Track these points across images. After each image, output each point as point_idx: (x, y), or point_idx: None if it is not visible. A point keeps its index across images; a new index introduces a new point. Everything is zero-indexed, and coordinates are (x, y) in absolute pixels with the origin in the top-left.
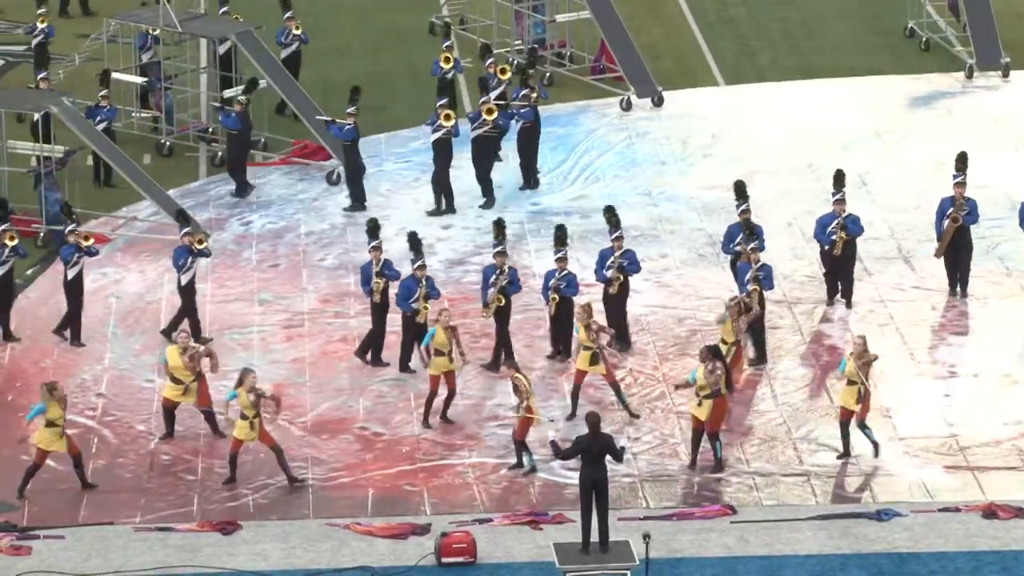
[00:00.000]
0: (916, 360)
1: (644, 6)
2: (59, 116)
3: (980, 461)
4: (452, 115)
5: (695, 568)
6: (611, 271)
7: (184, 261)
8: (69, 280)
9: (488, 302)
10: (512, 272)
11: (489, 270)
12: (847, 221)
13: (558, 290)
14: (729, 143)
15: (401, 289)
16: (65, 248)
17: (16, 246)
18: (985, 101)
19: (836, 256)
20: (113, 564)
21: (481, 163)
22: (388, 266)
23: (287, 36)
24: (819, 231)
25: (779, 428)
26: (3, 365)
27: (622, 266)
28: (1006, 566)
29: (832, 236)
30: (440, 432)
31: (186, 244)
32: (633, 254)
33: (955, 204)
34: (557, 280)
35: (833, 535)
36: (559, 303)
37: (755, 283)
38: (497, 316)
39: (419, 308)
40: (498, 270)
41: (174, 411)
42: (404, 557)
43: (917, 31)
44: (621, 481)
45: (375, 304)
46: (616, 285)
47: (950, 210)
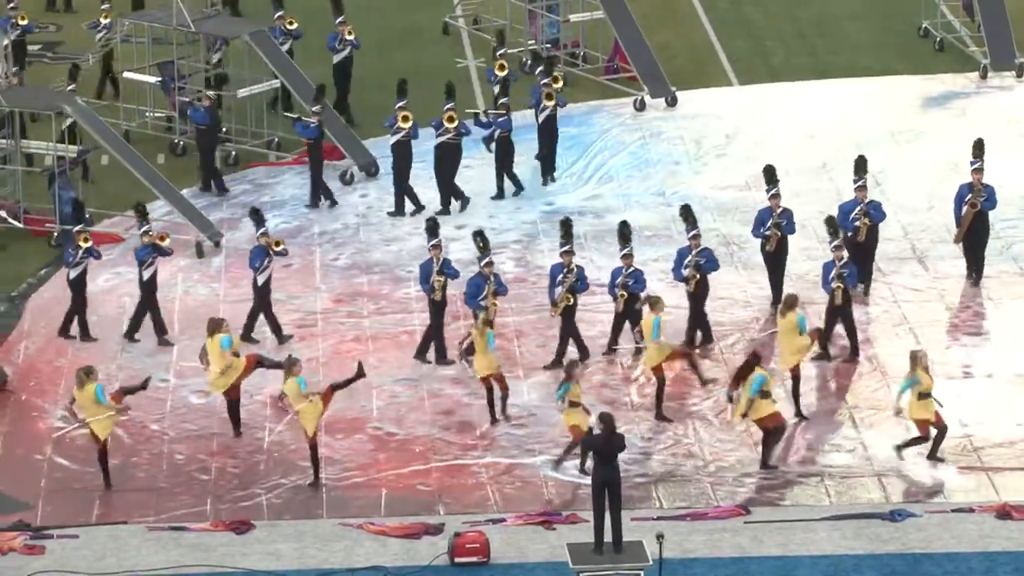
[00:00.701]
0: (930, 360)
1: (658, 6)
2: (73, 116)
3: (994, 462)
4: (410, 117)
5: (708, 568)
6: (688, 269)
7: (260, 262)
8: (72, 279)
9: (556, 301)
10: (580, 270)
11: (556, 268)
12: (870, 207)
13: (626, 287)
14: (743, 143)
15: (469, 287)
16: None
17: (90, 248)
18: (999, 101)
19: (859, 242)
20: (127, 563)
21: (442, 170)
22: (447, 264)
23: (339, 41)
24: (842, 217)
25: (793, 428)
26: (18, 364)
27: (699, 264)
28: (1020, 567)
29: (855, 222)
30: (454, 432)
31: (262, 244)
32: (710, 252)
33: (973, 190)
34: (625, 277)
35: (847, 535)
36: (627, 299)
37: (839, 280)
38: (564, 315)
39: (487, 305)
40: (566, 268)
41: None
42: (417, 557)
43: (931, 31)
44: (634, 481)
45: (434, 302)
46: (693, 283)
47: (968, 196)
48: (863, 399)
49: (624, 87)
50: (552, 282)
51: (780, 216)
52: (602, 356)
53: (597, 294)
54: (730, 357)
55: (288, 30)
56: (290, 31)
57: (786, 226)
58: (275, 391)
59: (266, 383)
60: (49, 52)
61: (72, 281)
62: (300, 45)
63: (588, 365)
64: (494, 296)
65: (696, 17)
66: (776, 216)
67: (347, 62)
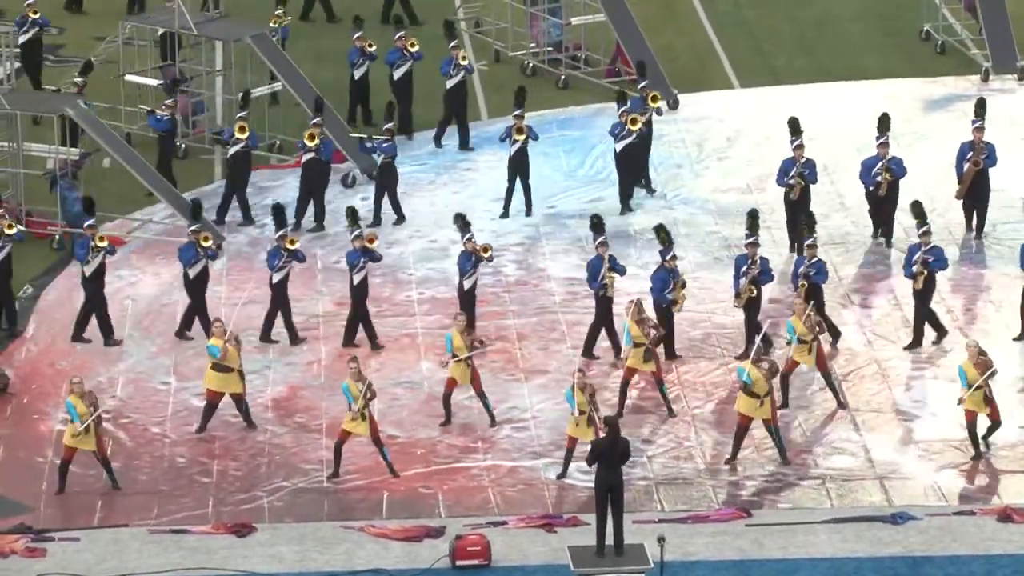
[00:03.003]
0: (933, 364)
1: (659, 8)
2: (75, 118)
3: (995, 464)
4: (247, 127)
5: (710, 571)
6: (916, 266)
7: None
8: (87, 278)
9: (740, 292)
10: (764, 262)
11: (741, 260)
12: (891, 163)
13: (808, 276)
14: (744, 146)
15: (656, 281)
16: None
17: (106, 245)
18: (1001, 104)
19: (881, 196)
20: (128, 566)
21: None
22: (614, 261)
23: (453, 67)
24: (864, 173)
25: (794, 431)
26: (19, 367)
27: (927, 261)
28: (1020, 569)
29: (877, 177)
30: (455, 434)
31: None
32: (940, 251)
33: (975, 148)
34: (807, 267)
35: (848, 538)
36: (808, 289)
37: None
38: (747, 306)
39: (676, 298)
40: (750, 260)
41: (216, 406)
42: (419, 559)
43: (933, 34)
44: (636, 484)
45: (604, 298)
46: (920, 280)
47: (970, 154)
48: (864, 402)
49: (626, 90)
50: (736, 273)
51: (803, 166)
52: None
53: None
54: (731, 361)
55: (410, 51)
56: (411, 53)
57: (808, 175)
58: (277, 395)
59: (267, 386)
60: (51, 55)
61: (88, 279)
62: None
63: (592, 367)
64: (681, 288)
65: (697, 19)
66: (800, 166)
67: (460, 86)
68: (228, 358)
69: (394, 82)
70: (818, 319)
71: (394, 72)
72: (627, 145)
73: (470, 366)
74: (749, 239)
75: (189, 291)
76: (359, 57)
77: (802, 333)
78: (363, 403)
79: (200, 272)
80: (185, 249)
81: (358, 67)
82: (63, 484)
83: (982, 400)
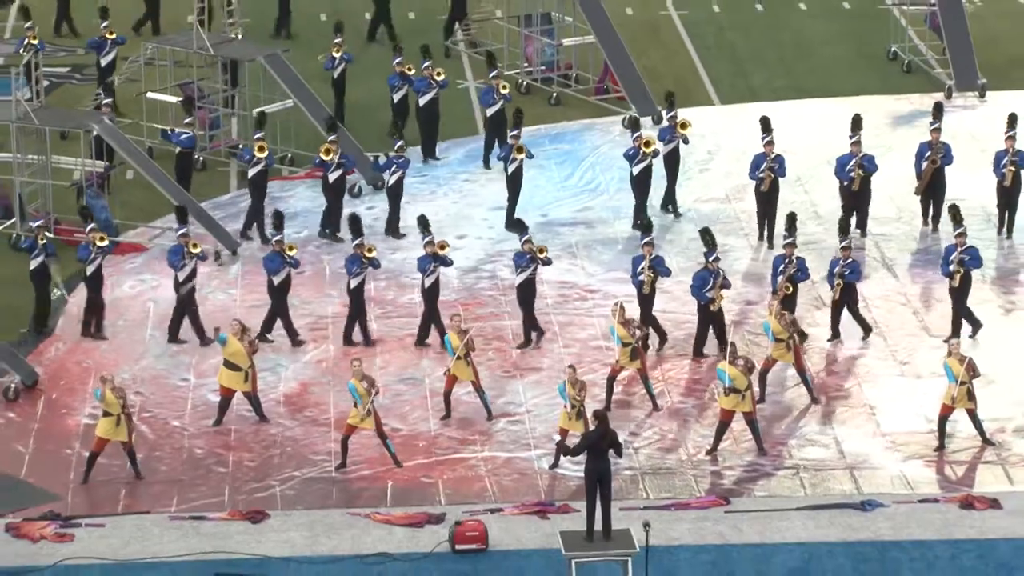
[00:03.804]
0: (898, 361)
1: (645, 31)
2: (100, 133)
3: (958, 455)
4: (265, 146)
5: (692, 555)
6: (953, 265)
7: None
8: (88, 276)
9: (776, 289)
10: (800, 261)
11: (778, 260)
12: (864, 160)
13: (843, 276)
14: (724, 158)
15: (696, 280)
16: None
17: (105, 246)
18: (963, 119)
19: (855, 191)
20: (150, 550)
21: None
22: (659, 261)
23: (496, 93)
24: (839, 169)
25: (770, 425)
26: (48, 365)
27: (963, 260)
28: (982, 553)
29: (851, 173)
30: (455, 428)
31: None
32: (976, 250)
33: (932, 147)
34: (842, 267)
35: (820, 524)
36: (843, 288)
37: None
38: (784, 303)
39: (714, 297)
40: (787, 259)
41: (230, 401)
42: (420, 544)
43: (900, 54)
44: (623, 474)
45: (643, 295)
46: (957, 278)
47: (928, 153)
48: (835, 397)
49: (614, 106)
50: (774, 272)
51: (773, 160)
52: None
53: (589, 299)
54: (713, 357)
55: (436, 80)
56: (437, 81)
57: (778, 169)
58: (289, 391)
59: (280, 383)
60: (79, 74)
61: (88, 278)
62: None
63: (583, 364)
64: (720, 289)
65: (680, 41)
66: (770, 160)
67: (499, 114)
68: (238, 357)
69: (419, 108)
70: (792, 318)
71: (420, 99)
72: (643, 168)
73: (470, 364)
74: (787, 240)
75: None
76: (400, 81)
77: (778, 332)
78: (369, 401)
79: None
80: (270, 259)
81: (397, 91)
82: (88, 474)
83: (966, 395)
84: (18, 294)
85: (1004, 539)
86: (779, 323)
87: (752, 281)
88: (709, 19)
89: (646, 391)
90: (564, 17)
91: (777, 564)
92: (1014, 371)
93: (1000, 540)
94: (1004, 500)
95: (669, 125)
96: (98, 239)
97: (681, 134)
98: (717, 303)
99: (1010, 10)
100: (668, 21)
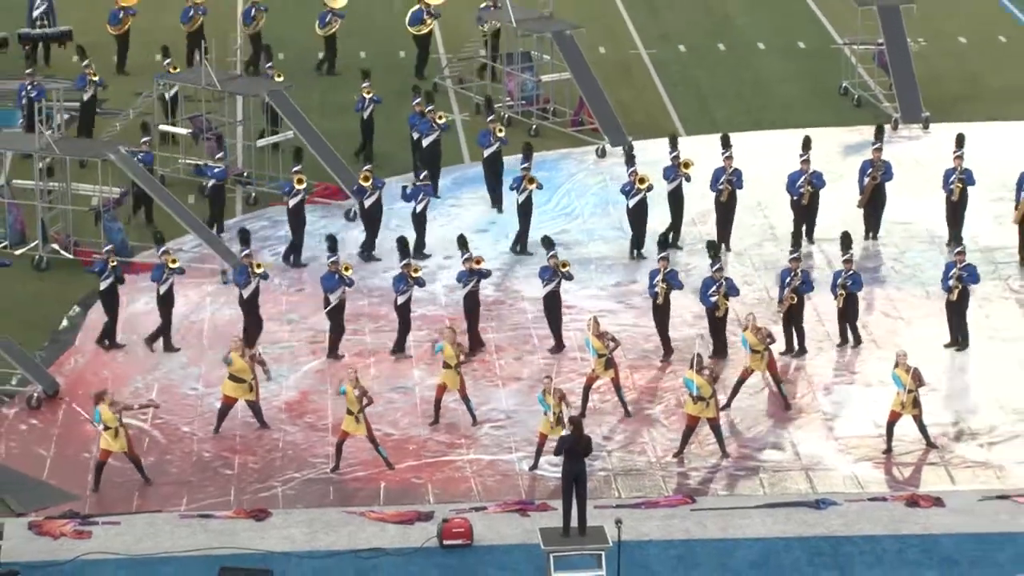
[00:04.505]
0: (849, 371)
1: (617, 68)
2: (117, 162)
3: (904, 457)
4: (304, 179)
5: (660, 549)
6: (952, 280)
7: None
8: (161, 295)
9: (782, 299)
10: (805, 274)
11: (784, 273)
12: (813, 177)
13: (845, 287)
14: (690, 185)
15: (703, 286)
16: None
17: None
18: (909, 149)
19: (804, 205)
20: (162, 546)
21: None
22: (673, 275)
23: (492, 136)
24: (790, 185)
25: (732, 429)
26: (68, 375)
27: (961, 276)
28: (926, 548)
29: (800, 189)
30: (443, 432)
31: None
32: (974, 267)
33: (874, 165)
34: (844, 278)
35: (778, 521)
36: (846, 297)
37: (958, 280)
38: (789, 312)
39: (718, 303)
40: (792, 273)
41: (230, 409)
42: (411, 540)
43: (850, 90)
44: (597, 475)
45: (657, 306)
46: (955, 292)
47: (870, 170)
48: (792, 403)
49: (588, 137)
50: (781, 284)
51: (732, 174)
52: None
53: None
54: (679, 367)
55: (438, 124)
56: (439, 124)
57: (736, 181)
58: (290, 399)
59: (282, 391)
60: (97, 107)
61: (160, 297)
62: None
63: (560, 374)
64: (724, 297)
65: (650, 78)
66: (728, 173)
67: (495, 156)
68: (242, 370)
69: (422, 149)
70: (768, 331)
71: (423, 140)
72: (637, 202)
73: (459, 374)
74: (793, 255)
75: (330, 315)
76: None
77: (754, 344)
78: (359, 408)
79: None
80: (327, 278)
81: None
82: (98, 482)
83: (912, 402)
84: (40, 311)
85: (946, 534)
86: (755, 336)
87: None
88: (676, 58)
89: (618, 398)
90: (543, 55)
91: (739, 558)
92: (955, 380)
93: (943, 535)
94: (947, 499)
95: (672, 164)
96: (171, 261)
97: (684, 173)
98: (722, 309)
99: (952, 49)
100: (638, 59)
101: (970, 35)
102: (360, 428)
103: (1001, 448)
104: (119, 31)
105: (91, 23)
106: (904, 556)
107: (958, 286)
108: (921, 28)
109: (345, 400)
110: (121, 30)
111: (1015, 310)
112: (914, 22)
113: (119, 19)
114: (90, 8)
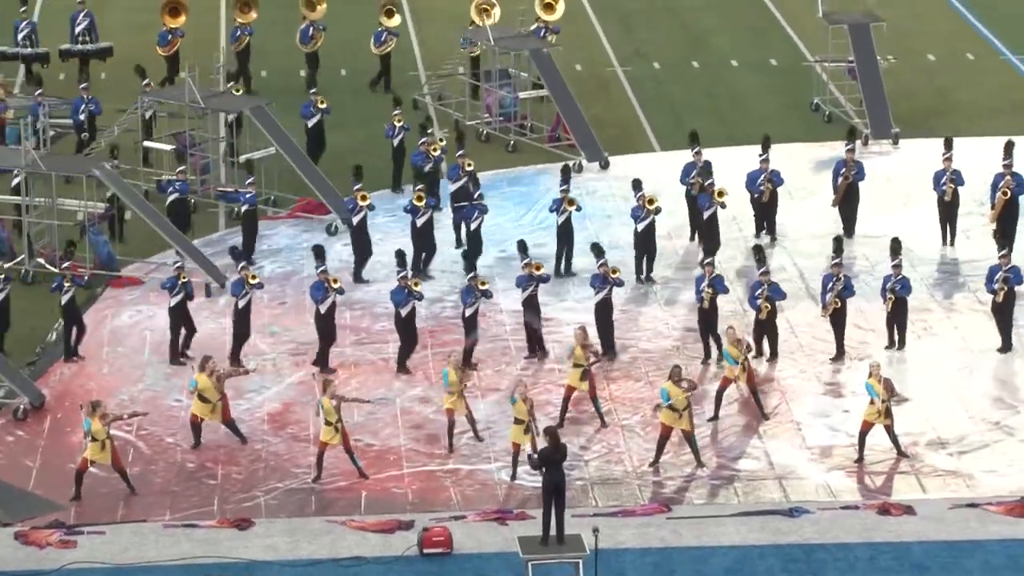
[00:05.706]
0: (821, 382)
1: (593, 85)
2: (102, 178)
3: (876, 467)
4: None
5: (636, 557)
6: (998, 283)
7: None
8: (239, 309)
9: (826, 304)
10: (847, 279)
11: (827, 278)
12: (772, 175)
13: (894, 291)
14: (665, 200)
15: (750, 289)
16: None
17: (259, 282)
18: (879, 164)
19: (764, 203)
20: (146, 555)
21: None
22: (719, 281)
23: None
24: (749, 182)
25: (707, 439)
26: (54, 387)
27: (1008, 279)
28: (898, 555)
29: (760, 187)
30: (422, 443)
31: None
32: (1019, 269)
33: (847, 165)
34: (894, 283)
35: (753, 529)
36: (895, 302)
37: (1003, 283)
38: (833, 316)
39: (761, 306)
40: (835, 278)
41: (200, 425)
42: (392, 548)
43: (821, 106)
44: (575, 484)
45: (703, 310)
46: (1001, 294)
47: (843, 170)
48: (766, 414)
49: (565, 153)
50: (823, 289)
51: (770, 174)
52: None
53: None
54: (656, 379)
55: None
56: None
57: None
58: (273, 410)
59: (264, 402)
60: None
61: (238, 311)
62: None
63: (537, 384)
64: (767, 300)
65: (625, 95)
66: (699, 168)
67: (462, 191)
68: (207, 392)
69: (422, 175)
70: (747, 341)
71: (424, 167)
72: (646, 226)
73: (463, 398)
74: (835, 260)
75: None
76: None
77: (736, 356)
78: (336, 418)
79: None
80: (396, 292)
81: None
82: (79, 491)
83: (884, 412)
84: (30, 323)
85: (917, 542)
86: (736, 349)
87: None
88: (651, 75)
89: (595, 409)
90: (520, 73)
91: (714, 565)
92: (926, 390)
93: (914, 543)
94: (917, 507)
95: (706, 193)
96: (250, 277)
97: (719, 201)
98: (764, 311)
99: (921, 66)
100: (614, 76)
101: (939, 52)
102: (337, 437)
103: (970, 457)
104: (168, 52)
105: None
106: (876, 563)
107: (1004, 288)
108: (891, 45)
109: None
110: (170, 51)
111: (984, 321)
112: (884, 39)
113: (167, 40)
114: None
